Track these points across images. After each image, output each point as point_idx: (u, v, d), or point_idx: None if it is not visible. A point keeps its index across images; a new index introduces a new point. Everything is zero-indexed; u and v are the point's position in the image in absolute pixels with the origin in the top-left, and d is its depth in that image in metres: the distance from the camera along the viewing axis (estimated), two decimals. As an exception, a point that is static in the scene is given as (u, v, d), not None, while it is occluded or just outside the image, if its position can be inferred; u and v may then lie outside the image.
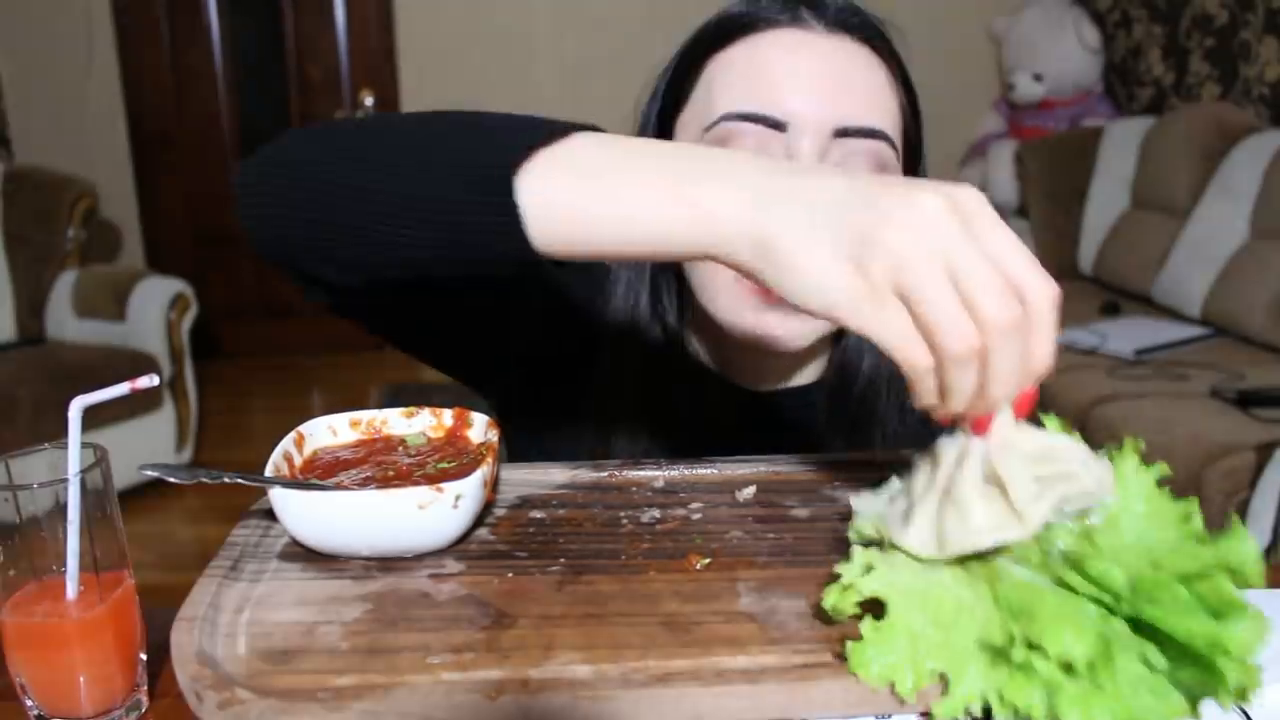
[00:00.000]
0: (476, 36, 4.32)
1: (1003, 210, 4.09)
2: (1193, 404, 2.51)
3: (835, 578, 0.54)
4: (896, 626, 0.51)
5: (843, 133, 0.77)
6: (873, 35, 0.80)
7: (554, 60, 4.37)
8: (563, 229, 0.55)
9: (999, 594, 0.52)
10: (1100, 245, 3.75)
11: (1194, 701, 0.47)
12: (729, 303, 0.80)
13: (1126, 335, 3.01)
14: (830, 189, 0.50)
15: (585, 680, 0.50)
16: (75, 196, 3.42)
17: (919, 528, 0.55)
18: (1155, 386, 2.65)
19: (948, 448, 0.56)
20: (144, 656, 0.56)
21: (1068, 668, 0.46)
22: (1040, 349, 0.49)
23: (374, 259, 0.61)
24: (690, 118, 0.82)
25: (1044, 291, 0.48)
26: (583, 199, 0.54)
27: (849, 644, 0.51)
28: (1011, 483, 0.52)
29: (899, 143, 0.81)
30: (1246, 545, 0.48)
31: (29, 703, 0.54)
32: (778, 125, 0.76)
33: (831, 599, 0.53)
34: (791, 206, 0.50)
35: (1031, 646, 0.47)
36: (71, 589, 0.53)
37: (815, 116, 0.76)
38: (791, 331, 0.79)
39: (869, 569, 0.54)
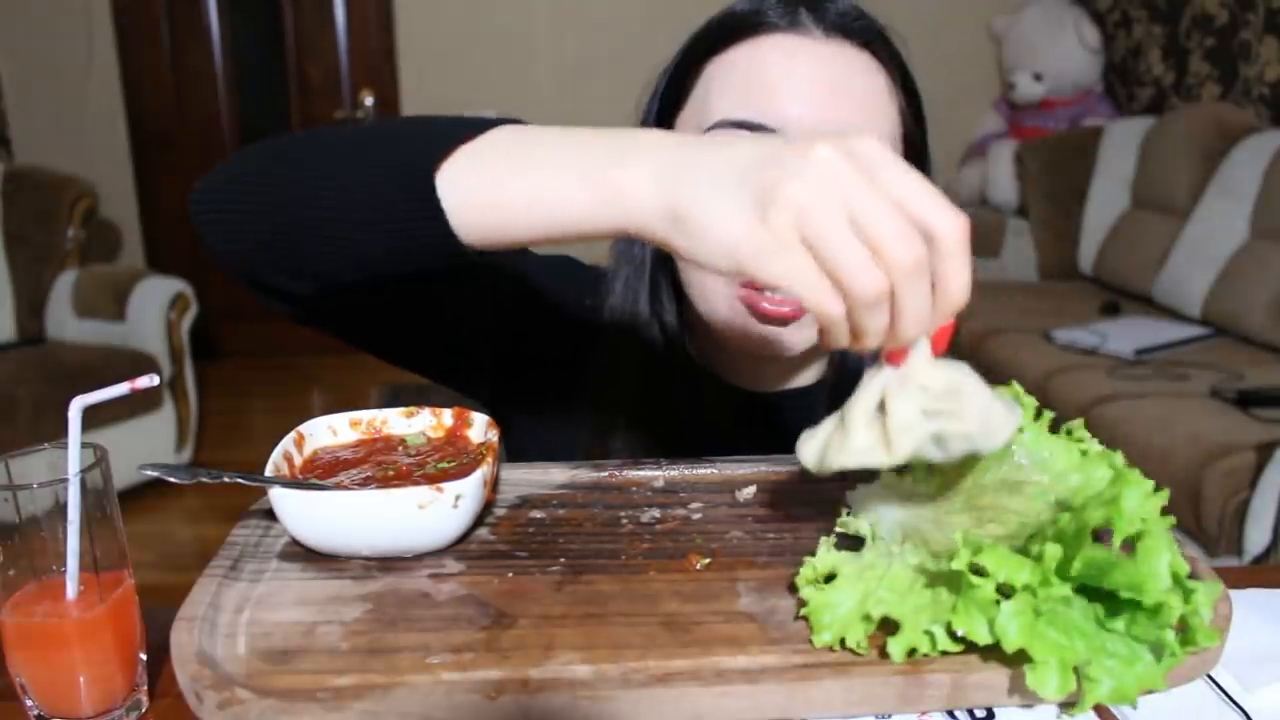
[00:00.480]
0: (476, 36, 4.32)
1: (1002, 210, 4.12)
2: (1193, 404, 2.51)
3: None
4: (843, 587, 0.54)
5: None
6: (873, 39, 0.80)
7: (554, 60, 4.37)
8: (482, 217, 0.57)
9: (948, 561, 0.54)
10: (1100, 245, 3.75)
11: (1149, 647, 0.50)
12: (723, 312, 0.80)
13: (1126, 335, 3.01)
14: (736, 156, 0.51)
15: (585, 680, 0.50)
16: (75, 196, 3.42)
17: (813, 442, 0.57)
18: (1155, 386, 2.65)
19: (870, 375, 0.57)
20: (144, 656, 0.56)
21: (1009, 591, 0.49)
22: (954, 282, 0.49)
23: (319, 262, 0.64)
24: (688, 118, 0.82)
25: (951, 225, 0.48)
26: (496, 187, 0.56)
27: (806, 609, 0.55)
28: (891, 413, 0.53)
29: (899, 149, 0.80)
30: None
31: (29, 703, 0.54)
32: (773, 133, 0.76)
33: (799, 579, 0.57)
34: (698, 175, 0.51)
35: (976, 572, 0.50)
36: (71, 589, 0.53)
37: (810, 124, 0.76)
38: (785, 341, 0.79)
39: (829, 552, 0.58)
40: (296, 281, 0.68)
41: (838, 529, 0.62)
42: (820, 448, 0.57)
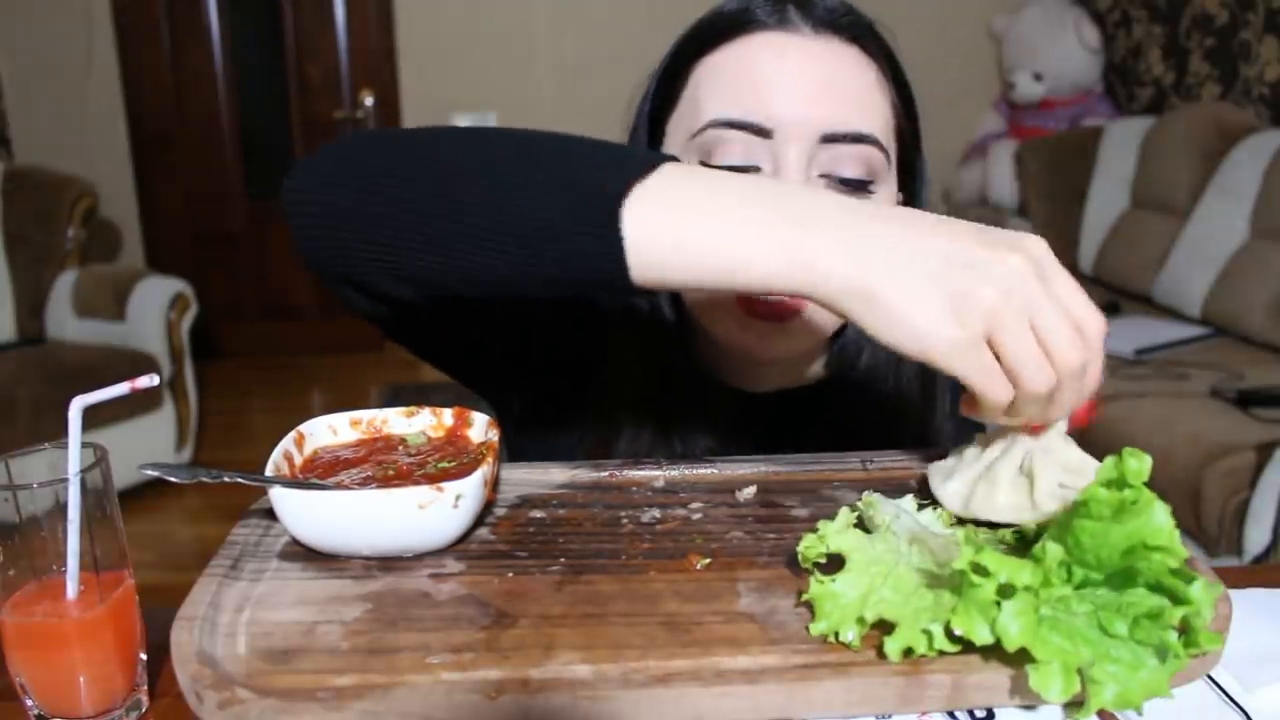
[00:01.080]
0: (476, 36, 4.32)
1: (1002, 210, 4.12)
2: (1193, 404, 2.51)
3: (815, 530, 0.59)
4: (848, 578, 0.55)
5: (829, 138, 0.76)
6: (862, 34, 0.79)
7: (554, 60, 4.37)
8: (662, 261, 0.57)
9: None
10: (1100, 245, 3.75)
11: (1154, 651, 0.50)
12: (715, 314, 0.80)
13: (1126, 335, 3.01)
14: (930, 246, 0.54)
15: (585, 680, 0.50)
16: (75, 196, 3.42)
17: (955, 487, 0.65)
18: (1155, 386, 2.65)
19: (1001, 434, 0.65)
20: (144, 656, 0.56)
21: (1009, 591, 0.50)
22: (1095, 374, 0.56)
23: (446, 274, 0.61)
24: (679, 121, 0.81)
25: (1098, 327, 0.55)
26: (684, 234, 0.56)
27: (808, 595, 0.55)
28: (1039, 481, 0.61)
29: (891, 143, 0.80)
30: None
31: (29, 703, 0.54)
32: (763, 132, 0.76)
33: (803, 544, 0.59)
34: (891, 259, 0.54)
35: (978, 571, 0.50)
36: (71, 589, 0.53)
37: (801, 123, 0.75)
38: (775, 346, 0.79)
39: (846, 529, 0.59)
40: (404, 287, 0.65)
41: (861, 504, 0.64)
42: (965, 495, 0.64)
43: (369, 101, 4.39)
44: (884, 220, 0.55)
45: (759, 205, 0.56)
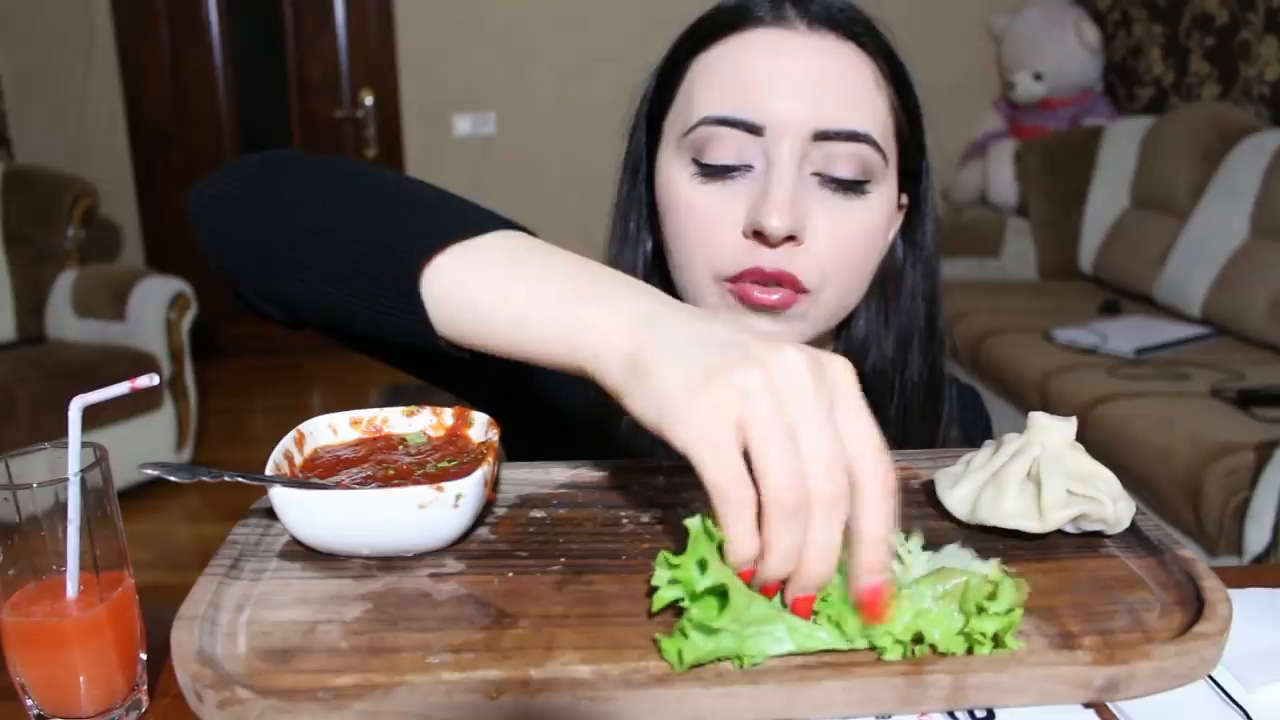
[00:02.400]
0: (476, 36, 4.32)
1: (1002, 210, 4.12)
2: (1193, 404, 2.51)
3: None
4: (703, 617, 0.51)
5: (822, 136, 0.75)
6: (860, 32, 0.78)
7: (554, 60, 4.37)
8: (459, 324, 0.59)
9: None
10: (1100, 245, 3.75)
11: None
12: (710, 297, 0.80)
13: (1126, 335, 3.01)
14: (709, 326, 0.51)
15: (585, 680, 0.50)
16: (75, 196, 3.42)
17: (962, 493, 0.65)
18: (1155, 386, 2.65)
19: (1010, 441, 0.66)
20: (144, 656, 0.56)
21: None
22: (868, 532, 0.48)
23: (297, 301, 0.67)
24: (674, 118, 0.81)
25: (877, 478, 0.48)
26: (478, 301, 0.57)
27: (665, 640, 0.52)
28: (1047, 488, 0.62)
29: (889, 142, 0.79)
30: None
31: (29, 702, 0.54)
32: (755, 129, 0.75)
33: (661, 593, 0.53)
34: (669, 332, 0.51)
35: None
36: (71, 588, 0.53)
37: (793, 120, 0.75)
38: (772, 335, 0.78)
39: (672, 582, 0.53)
40: (269, 306, 0.70)
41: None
42: (970, 501, 0.64)
43: (369, 101, 4.39)
44: (675, 308, 0.53)
45: (556, 283, 0.56)
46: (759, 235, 0.75)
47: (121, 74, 4.26)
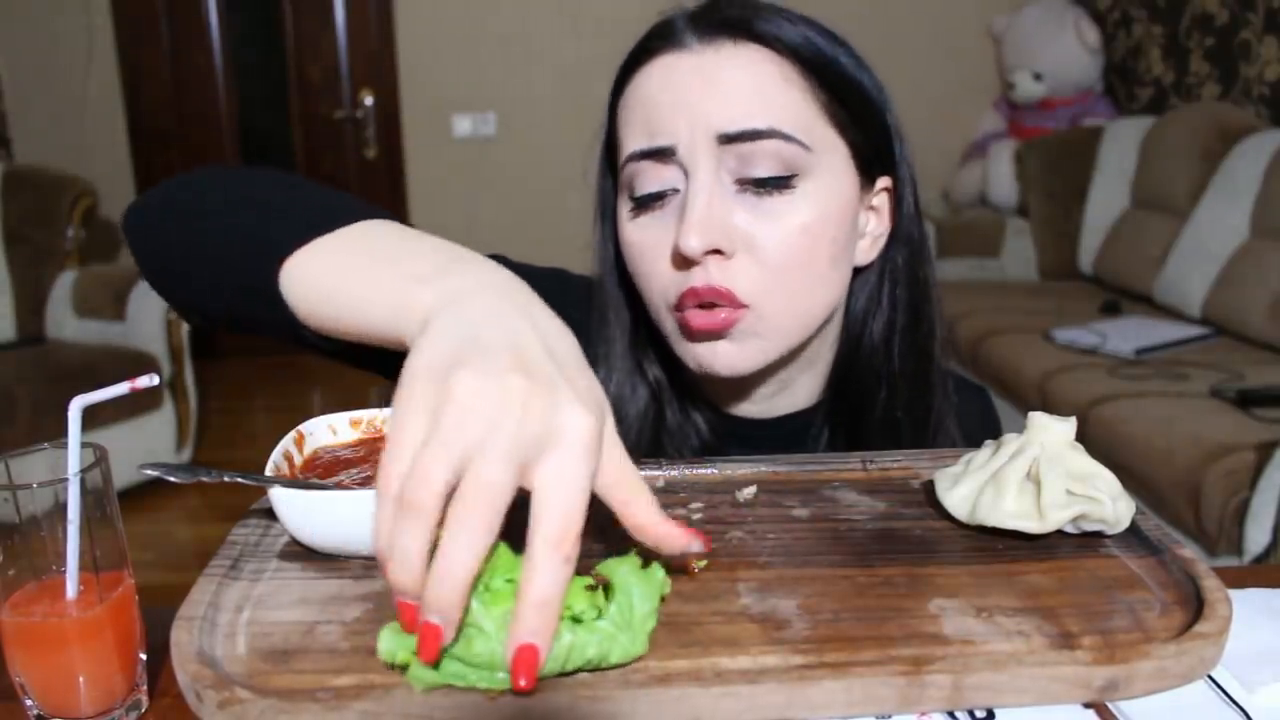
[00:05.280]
0: (476, 36, 4.32)
1: (1002, 210, 4.12)
2: (1193, 404, 2.51)
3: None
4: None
5: (727, 139, 0.74)
6: (763, 31, 0.75)
7: (554, 60, 4.37)
8: (318, 316, 0.62)
9: None
10: (1100, 245, 3.75)
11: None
12: (670, 335, 0.81)
13: (1126, 335, 3.01)
14: (501, 327, 0.49)
15: (585, 680, 0.50)
16: (75, 196, 3.42)
17: (962, 493, 0.65)
18: (1155, 386, 2.65)
19: (1010, 441, 0.66)
20: (144, 656, 0.56)
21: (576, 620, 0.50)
22: (531, 590, 0.45)
23: (204, 308, 0.71)
24: (619, 161, 0.81)
25: (553, 536, 0.44)
26: (326, 290, 0.61)
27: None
28: (1046, 488, 0.62)
29: (816, 133, 0.76)
30: None
31: (29, 703, 0.54)
32: (664, 153, 0.75)
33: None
34: (462, 313, 0.50)
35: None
36: (71, 589, 0.53)
37: (696, 129, 0.74)
38: (725, 358, 0.78)
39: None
40: (192, 315, 0.74)
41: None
42: (970, 501, 0.64)
43: (369, 101, 4.39)
44: (499, 293, 0.52)
45: (399, 264, 0.57)
46: (687, 258, 0.75)
47: (121, 74, 4.26)
